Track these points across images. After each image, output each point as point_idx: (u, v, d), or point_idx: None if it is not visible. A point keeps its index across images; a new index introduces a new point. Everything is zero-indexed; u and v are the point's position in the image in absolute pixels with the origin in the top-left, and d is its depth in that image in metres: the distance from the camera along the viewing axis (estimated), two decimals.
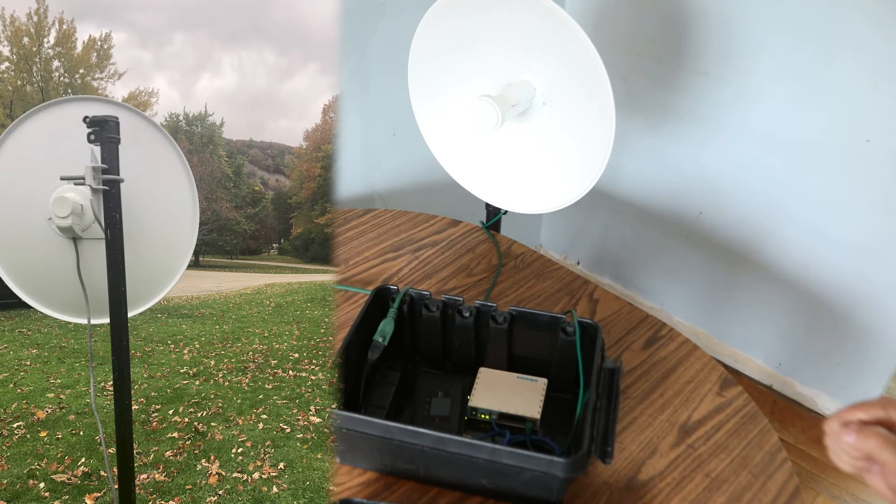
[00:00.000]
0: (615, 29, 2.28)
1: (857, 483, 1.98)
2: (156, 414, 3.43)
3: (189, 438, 3.09)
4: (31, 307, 1.19)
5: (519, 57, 1.18)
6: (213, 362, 4.71)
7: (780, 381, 2.28)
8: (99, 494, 2.48)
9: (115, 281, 1.06)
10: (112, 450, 1.28)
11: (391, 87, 1.90)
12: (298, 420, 3.46)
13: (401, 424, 0.81)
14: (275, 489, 2.60)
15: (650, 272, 2.56)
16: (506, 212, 1.49)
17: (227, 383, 4.15)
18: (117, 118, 1.05)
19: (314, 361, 4.92)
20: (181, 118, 24.18)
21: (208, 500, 2.49)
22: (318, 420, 3.47)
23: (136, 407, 3.51)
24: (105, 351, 1.20)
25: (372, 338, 0.99)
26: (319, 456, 2.97)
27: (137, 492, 2.51)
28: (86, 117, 1.03)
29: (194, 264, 18.67)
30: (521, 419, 0.94)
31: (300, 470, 2.80)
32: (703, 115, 2.13)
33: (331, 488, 2.22)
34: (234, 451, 2.97)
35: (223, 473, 2.72)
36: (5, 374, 4.02)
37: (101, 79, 16.09)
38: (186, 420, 3.35)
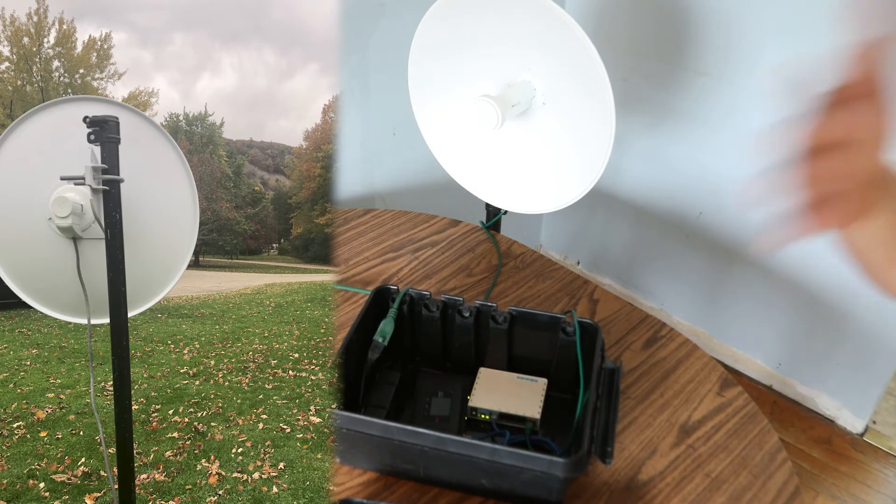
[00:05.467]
0: (615, 29, 2.28)
1: (857, 483, 1.98)
2: (156, 414, 3.43)
3: (189, 438, 3.09)
4: (31, 307, 1.19)
5: (519, 57, 1.18)
6: (213, 362, 4.72)
7: (780, 381, 2.28)
8: (99, 494, 2.48)
9: (115, 281, 1.06)
10: (112, 450, 1.28)
11: (391, 87, 1.90)
12: (298, 420, 3.46)
13: (401, 424, 0.81)
14: (275, 489, 2.60)
15: (650, 272, 2.56)
16: (506, 212, 1.49)
17: (227, 383, 4.16)
18: (117, 118, 1.05)
19: (314, 361, 4.92)
20: (181, 118, 24.19)
21: (208, 500, 2.49)
22: (318, 420, 3.48)
23: (136, 407, 3.51)
24: (105, 351, 1.20)
25: (372, 338, 0.99)
26: (319, 456, 2.98)
27: (137, 492, 2.51)
28: (86, 117, 1.03)
29: (194, 264, 18.67)
30: (521, 419, 0.94)
31: (300, 470, 2.80)
32: (703, 115, 2.13)
33: (331, 488, 2.22)
34: (234, 451, 2.97)
35: (223, 473, 2.72)
36: (5, 374, 4.02)
37: (101, 79, 16.11)
38: (186, 420, 3.35)
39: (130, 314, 1.11)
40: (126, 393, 1.09)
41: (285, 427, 3.32)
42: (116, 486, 1.12)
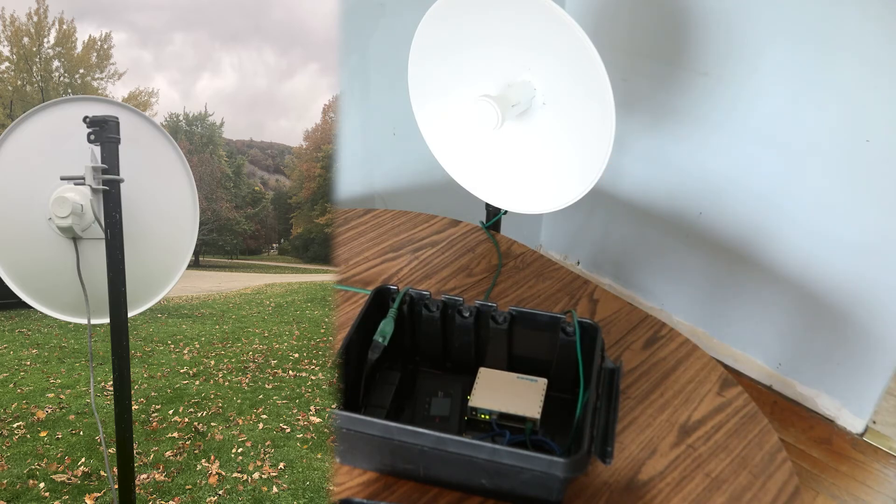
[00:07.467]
0: (615, 29, 2.28)
1: (857, 483, 1.98)
2: (156, 414, 3.43)
3: (189, 438, 3.09)
4: (31, 307, 1.19)
5: (519, 57, 1.18)
6: (213, 362, 4.72)
7: (780, 381, 2.28)
8: (99, 494, 2.48)
9: (115, 281, 1.06)
10: (112, 450, 1.28)
11: (391, 87, 1.90)
12: (298, 420, 3.46)
13: (401, 424, 0.81)
14: (275, 489, 2.60)
15: (650, 272, 2.56)
16: (506, 212, 1.49)
17: (227, 383, 4.16)
18: (117, 118, 1.05)
19: (314, 361, 4.92)
20: (181, 118, 24.18)
21: (208, 500, 2.49)
22: (318, 420, 3.48)
23: (136, 407, 3.51)
24: (105, 351, 1.20)
25: (372, 338, 0.99)
26: (319, 456, 2.98)
27: (137, 492, 2.51)
28: (86, 117, 1.03)
29: (194, 264, 18.66)
30: (521, 419, 0.94)
31: (300, 470, 2.80)
32: (703, 115, 2.13)
33: (331, 488, 2.22)
34: (234, 451, 2.97)
35: (223, 473, 2.72)
36: (5, 374, 4.02)
37: (101, 79, 16.08)
38: (186, 420, 3.35)
39: (130, 314, 1.11)
40: (126, 393, 1.09)
41: (285, 427, 3.32)
42: (116, 486, 1.12)
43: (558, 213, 2.57)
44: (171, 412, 3.47)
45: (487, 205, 1.54)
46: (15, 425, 3.14)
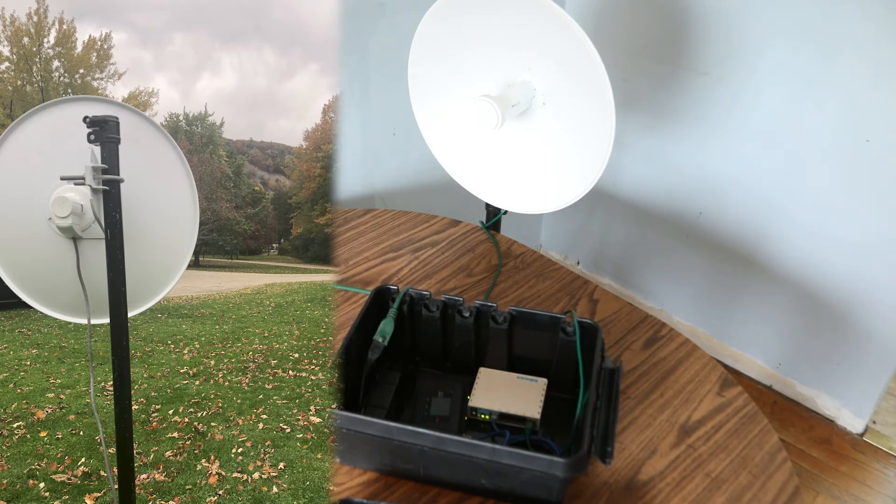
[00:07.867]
0: (615, 29, 2.28)
1: (857, 483, 1.98)
2: (156, 414, 3.43)
3: (189, 438, 3.09)
4: (31, 307, 1.19)
5: (519, 57, 1.18)
6: (213, 362, 4.72)
7: (780, 381, 2.28)
8: (99, 494, 2.48)
9: (115, 281, 1.06)
10: (112, 450, 1.28)
11: (391, 87, 1.90)
12: (298, 420, 3.46)
13: (401, 424, 0.82)
14: (275, 489, 2.60)
15: (650, 272, 2.56)
16: (506, 212, 1.49)
17: (227, 383, 4.16)
18: (117, 118, 1.05)
19: (314, 361, 4.92)
20: (181, 118, 24.17)
21: (208, 500, 2.49)
22: (318, 420, 3.48)
23: (136, 407, 3.51)
24: (105, 351, 1.20)
25: (372, 338, 0.99)
26: (319, 456, 2.98)
27: (137, 492, 2.51)
28: (86, 117, 1.03)
29: (194, 264, 18.65)
30: (521, 419, 0.94)
31: (300, 470, 2.80)
32: (703, 115, 2.13)
33: (331, 488, 2.22)
34: (234, 451, 2.97)
35: (223, 473, 2.72)
36: (5, 374, 4.02)
37: (101, 79, 16.08)
38: (186, 420, 3.35)
39: (130, 314, 1.11)
40: (126, 393, 1.09)
41: (285, 427, 3.32)
42: (116, 486, 1.12)
43: (558, 213, 2.57)
44: (171, 412, 3.47)
45: (487, 205, 1.54)
46: (15, 425, 3.14)
